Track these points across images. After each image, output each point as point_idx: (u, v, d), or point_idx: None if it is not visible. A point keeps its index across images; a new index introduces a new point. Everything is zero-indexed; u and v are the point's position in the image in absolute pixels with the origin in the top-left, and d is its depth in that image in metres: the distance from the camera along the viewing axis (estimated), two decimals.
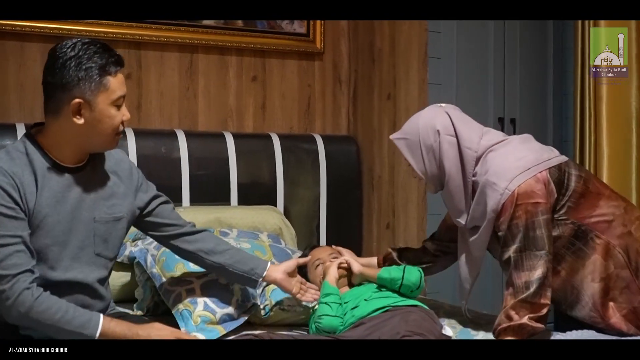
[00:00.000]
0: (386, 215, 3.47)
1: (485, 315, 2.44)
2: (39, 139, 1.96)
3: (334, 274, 2.33)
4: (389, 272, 2.32)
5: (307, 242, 3.26)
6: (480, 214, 2.16)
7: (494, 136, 2.24)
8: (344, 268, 2.36)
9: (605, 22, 3.33)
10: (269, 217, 3.12)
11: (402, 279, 2.28)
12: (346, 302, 2.26)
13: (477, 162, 2.18)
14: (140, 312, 2.58)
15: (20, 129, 2.85)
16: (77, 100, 1.89)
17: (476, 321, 2.37)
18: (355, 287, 2.35)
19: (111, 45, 2.00)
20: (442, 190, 2.27)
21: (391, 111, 3.41)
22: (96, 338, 1.86)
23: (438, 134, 2.20)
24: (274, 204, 3.33)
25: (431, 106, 2.34)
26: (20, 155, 1.92)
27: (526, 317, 2.03)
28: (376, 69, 3.50)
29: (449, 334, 2.21)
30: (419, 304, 2.26)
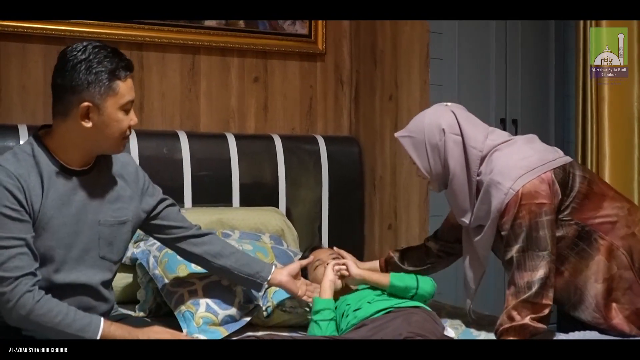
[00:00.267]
0: (388, 216, 3.46)
1: (487, 316, 2.44)
2: (45, 141, 1.96)
3: (330, 276, 2.32)
4: (402, 279, 2.31)
5: (309, 243, 3.25)
6: (485, 213, 2.15)
7: (499, 136, 2.23)
8: (341, 271, 2.35)
9: (605, 22, 3.33)
10: (271, 219, 3.11)
11: (417, 288, 2.28)
12: (348, 304, 2.26)
13: (482, 161, 2.18)
14: (142, 313, 2.57)
15: (23, 130, 2.84)
16: (85, 103, 1.89)
17: (478, 322, 2.36)
18: (359, 291, 2.35)
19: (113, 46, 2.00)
20: (446, 189, 2.27)
21: (393, 112, 3.41)
22: None
23: (443, 132, 2.19)
24: (276, 205, 3.33)
25: (437, 105, 2.33)
26: (26, 157, 1.92)
27: (528, 317, 2.03)
28: (378, 69, 3.50)
29: (451, 335, 2.21)
30: (421, 305, 2.26)
